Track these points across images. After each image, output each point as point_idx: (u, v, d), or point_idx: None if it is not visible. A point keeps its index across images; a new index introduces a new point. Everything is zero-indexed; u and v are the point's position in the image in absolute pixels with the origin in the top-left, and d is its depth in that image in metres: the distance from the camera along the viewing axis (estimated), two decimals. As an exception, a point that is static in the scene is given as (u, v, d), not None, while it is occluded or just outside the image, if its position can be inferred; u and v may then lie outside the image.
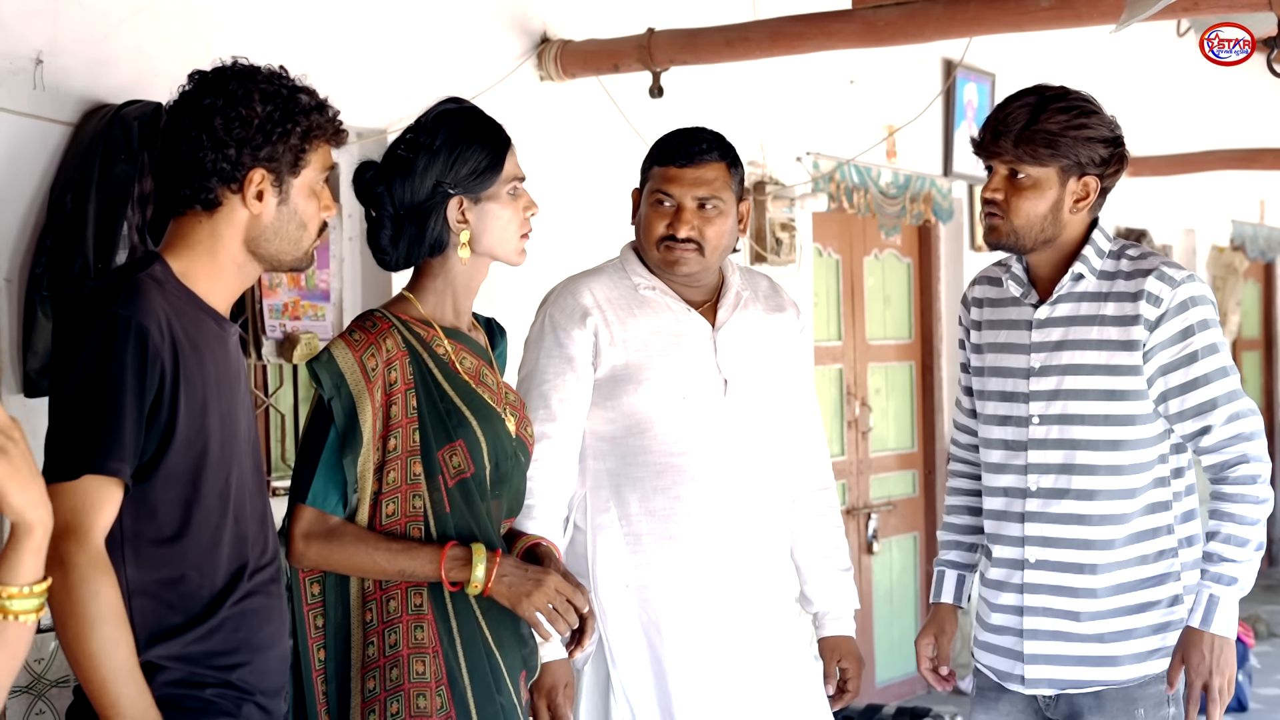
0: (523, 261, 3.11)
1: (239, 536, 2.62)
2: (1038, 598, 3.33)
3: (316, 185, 2.70)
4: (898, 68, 7.35)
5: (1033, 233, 3.28)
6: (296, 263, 2.73)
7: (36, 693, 3.81)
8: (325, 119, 2.69)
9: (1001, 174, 3.29)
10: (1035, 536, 3.32)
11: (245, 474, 2.67)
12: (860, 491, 7.59)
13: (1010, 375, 3.37)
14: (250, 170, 2.61)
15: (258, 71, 2.65)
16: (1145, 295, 3.22)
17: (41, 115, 3.88)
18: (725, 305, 3.50)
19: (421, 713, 2.89)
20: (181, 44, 4.18)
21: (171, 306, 2.54)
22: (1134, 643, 3.29)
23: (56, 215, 3.82)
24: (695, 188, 3.38)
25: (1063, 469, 3.29)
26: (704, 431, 3.41)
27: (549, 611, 2.93)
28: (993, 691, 3.43)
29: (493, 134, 3.04)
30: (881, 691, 7.45)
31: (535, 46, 5.47)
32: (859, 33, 5.09)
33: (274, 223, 2.66)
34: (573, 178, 5.60)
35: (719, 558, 3.42)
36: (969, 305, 3.54)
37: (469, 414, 2.99)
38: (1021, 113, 3.26)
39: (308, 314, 4.78)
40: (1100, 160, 3.25)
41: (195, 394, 2.55)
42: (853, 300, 7.62)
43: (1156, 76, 9.68)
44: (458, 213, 3.00)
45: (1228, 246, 10.84)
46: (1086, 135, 3.23)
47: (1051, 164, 3.24)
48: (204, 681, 2.56)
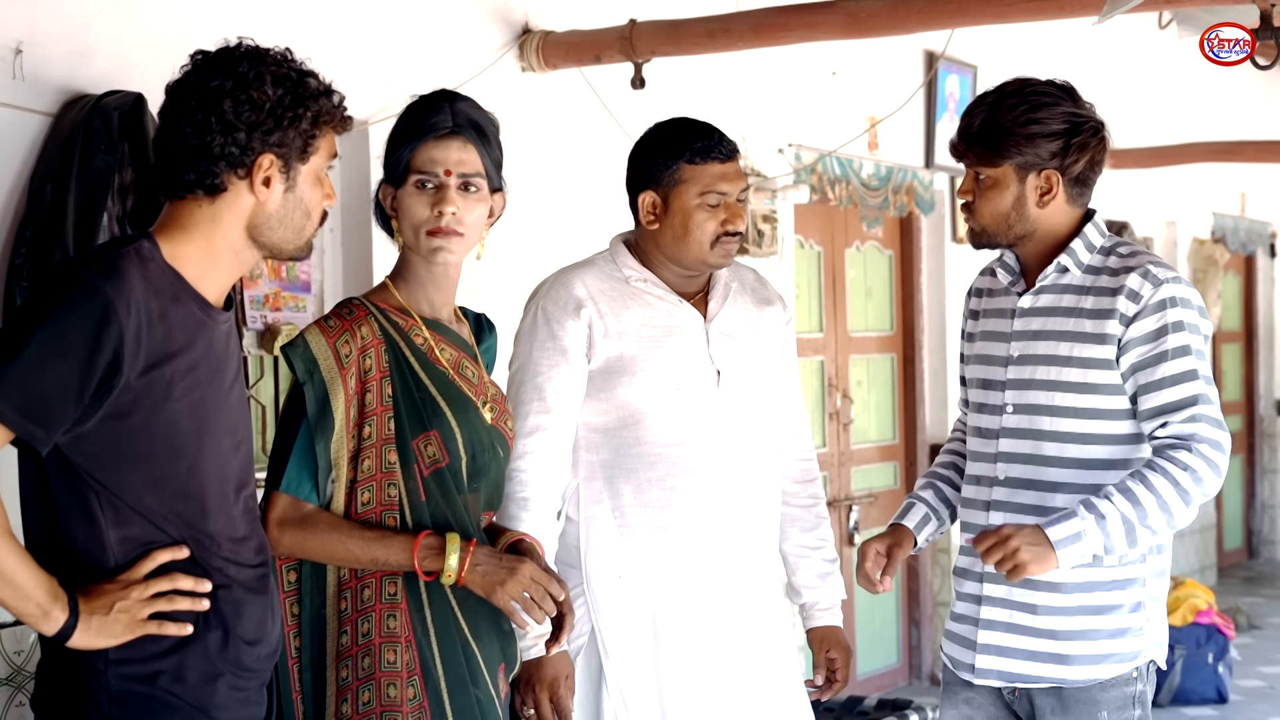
0: (438, 259, 3.01)
1: (202, 528, 2.56)
2: (996, 587, 3.31)
3: (322, 173, 2.65)
4: (880, 59, 7.35)
5: (1000, 230, 3.29)
6: (298, 252, 2.67)
7: (16, 685, 3.80)
8: (333, 104, 2.64)
9: (970, 174, 3.32)
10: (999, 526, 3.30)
11: (215, 467, 2.58)
12: (842, 483, 7.59)
13: (991, 363, 3.38)
14: (260, 155, 2.55)
15: (267, 53, 2.58)
16: (1125, 290, 3.20)
17: (21, 105, 3.86)
18: (715, 297, 3.50)
19: (392, 702, 2.87)
20: (162, 34, 4.16)
21: (151, 286, 2.48)
22: (1090, 644, 3.25)
23: (36, 206, 3.81)
24: (738, 181, 3.42)
25: (1030, 459, 3.28)
26: (697, 423, 3.41)
27: (524, 600, 2.91)
28: (958, 685, 3.42)
29: (410, 119, 3.05)
30: (863, 683, 7.46)
31: (517, 37, 5.46)
32: (841, 24, 5.08)
33: (279, 210, 2.60)
34: (555, 169, 5.59)
35: (712, 548, 3.42)
36: (971, 296, 3.56)
37: (444, 404, 2.98)
38: (980, 113, 3.27)
39: (288, 305, 4.77)
40: (1052, 154, 3.23)
41: (159, 379, 2.47)
42: (834, 292, 7.61)
43: (1138, 69, 9.69)
44: (388, 202, 3.05)
45: (1208, 239, 10.86)
46: (1033, 131, 3.22)
47: (1003, 162, 3.24)
48: (155, 672, 2.51)
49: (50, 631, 2.44)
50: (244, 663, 2.61)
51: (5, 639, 3.78)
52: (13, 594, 2.41)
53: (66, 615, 2.44)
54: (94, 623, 2.46)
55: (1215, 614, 7.84)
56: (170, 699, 2.52)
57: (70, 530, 2.50)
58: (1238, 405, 11.73)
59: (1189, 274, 10.66)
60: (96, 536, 2.49)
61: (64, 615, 2.44)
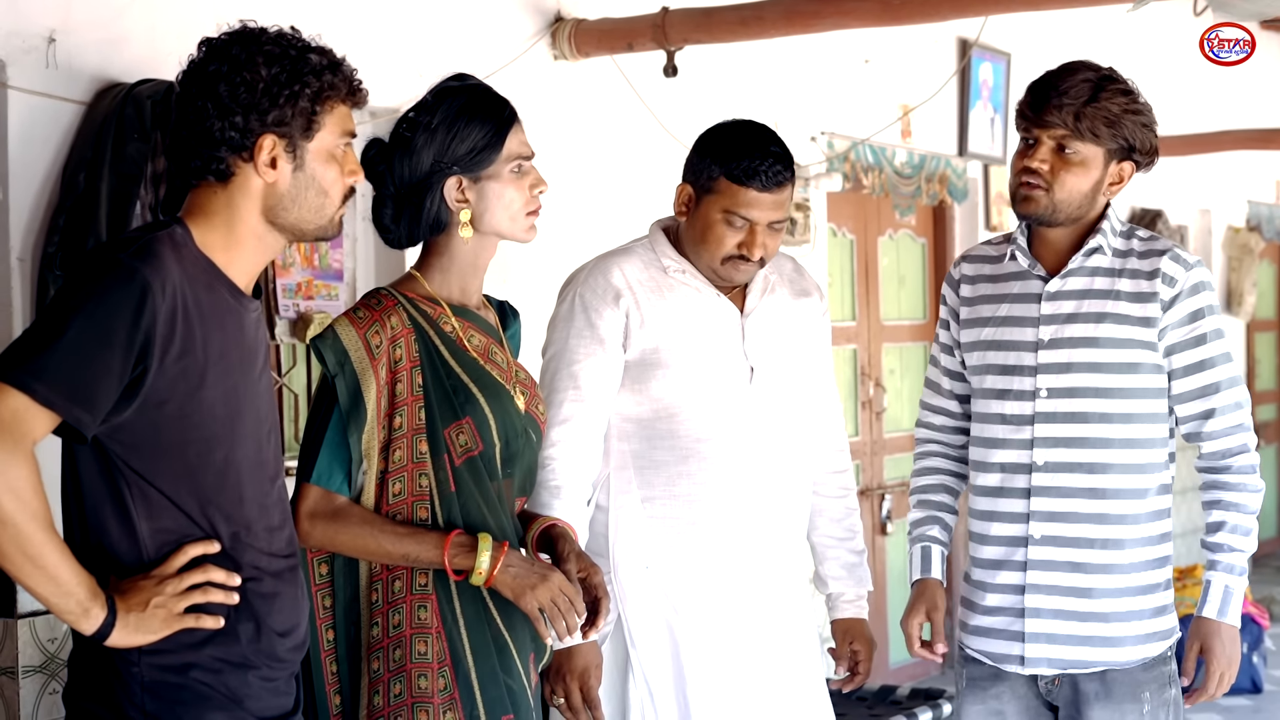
0: (532, 238, 3.07)
1: (238, 518, 2.55)
2: (1043, 574, 3.30)
3: (336, 149, 2.59)
4: (913, 47, 7.32)
5: (1071, 208, 3.29)
6: (321, 231, 2.63)
7: (50, 672, 3.81)
8: (338, 78, 2.57)
9: (1049, 145, 3.27)
10: (1042, 512, 3.29)
11: (249, 456, 2.57)
12: (874, 472, 7.57)
13: (1014, 349, 3.35)
14: (260, 136, 2.51)
15: (263, 33, 2.55)
16: (1161, 275, 3.25)
17: (54, 94, 3.87)
18: (754, 291, 3.47)
19: (423, 693, 2.87)
20: (194, 22, 4.15)
21: (185, 272, 2.47)
22: (1137, 624, 3.28)
23: (69, 194, 3.82)
24: (773, 212, 3.34)
25: (1074, 443, 3.28)
26: (729, 418, 3.39)
27: (551, 608, 2.89)
28: (986, 680, 3.39)
29: (494, 111, 2.99)
30: (895, 672, 7.45)
31: (549, 25, 5.45)
32: (874, 11, 5.06)
33: (291, 190, 2.55)
34: (587, 157, 5.58)
35: (740, 543, 3.41)
36: (957, 285, 3.51)
37: (476, 391, 2.96)
38: (1083, 88, 3.24)
39: (321, 293, 4.77)
40: (1149, 148, 3.30)
41: (194, 365, 2.46)
42: (867, 280, 7.60)
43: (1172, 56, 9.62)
44: (456, 192, 2.96)
45: (1243, 227, 10.80)
46: (1143, 121, 3.27)
47: (1106, 144, 3.25)
48: (189, 664, 2.51)
49: (89, 630, 2.43)
50: (276, 653, 2.60)
51: (39, 626, 3.79)
52: (54, 590, 2.40)
53: (105, 613, 2.43)
54: (131, 620, 2.45)
55: (1250, 604, 7.80)
56: (204, 689, 2.51)
57: (103, 523, 2.49)
58: (1272, 394, 11.66)
59: (1224, 262, 10.61)
60: (129, 529, 2.48)
61: (103, 613, 2.43)
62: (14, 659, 3.77)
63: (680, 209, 3.41)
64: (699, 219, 3.36)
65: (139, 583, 2.47)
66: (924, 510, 3.53)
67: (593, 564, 3.05)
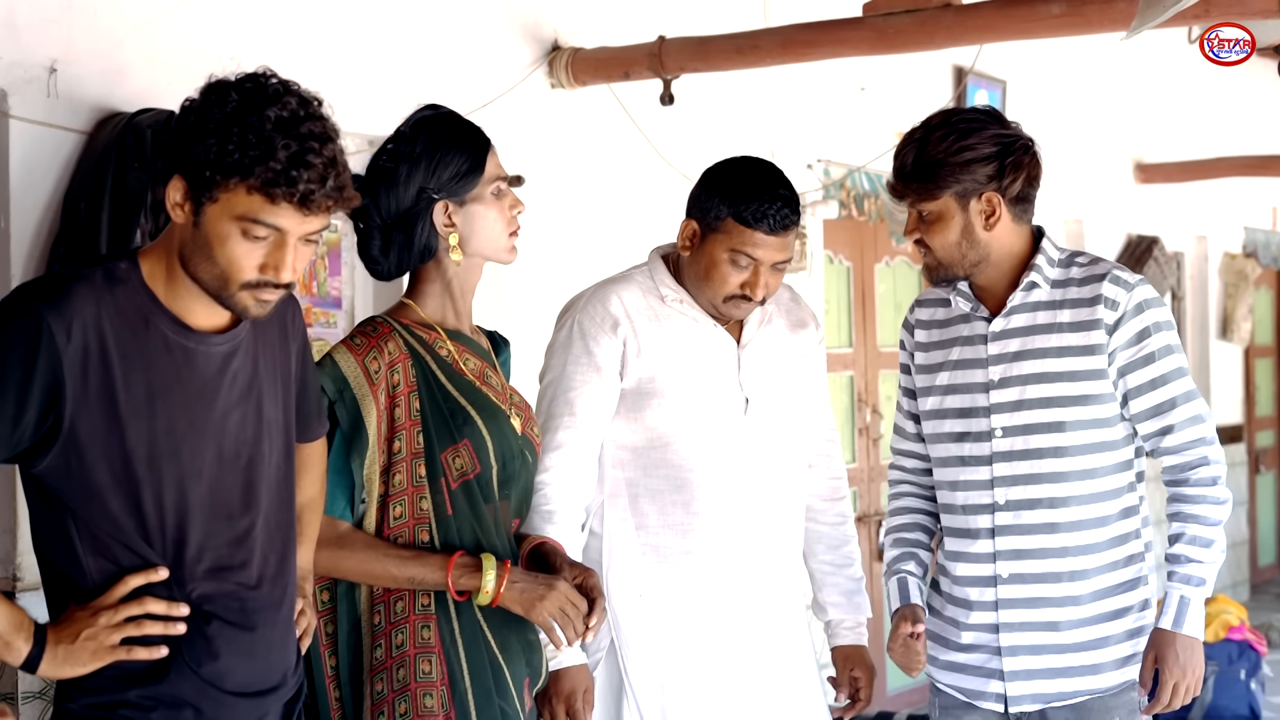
0: (513, 259, 3.11)
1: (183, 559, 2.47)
2: (1014, 613, 3.31)
3: (236, 231, 2.37)
4: (908, 75, 7.35)
5: (956, 260, 3.28)
6: (223, 301, 2.43)
7: (49, 698, 3.82)
8: (261, 162, 2.33)
9: (913, 215, 3.30)
10: (1007, 550, 3.30)
11: (198, 495, 2.47)
12: (871, 499, 7.59)
13: (968, 391, 3.35)
14: (173, 174, 2.39)
15: (231, 80, 2.39)
16: (1102, 299, 3.23)
17: (55, 123, 3.89)
18: (750, 322, 3.48)
19: (428, 712, 2.89)
20: (194, 52, 4.19)
21: (115, 309, 2.39)
22: (1111, 649, 3.28)
23: (70, 223, 3.84)
24: (778, 253, 3.34)
25: (1031, 479, 3.28)
26: (723, 449, 3.40)
27: (561, 617, 2.94)
28: (959, 709, 3.40)
29: (471, 136, 3.05)
30: (893, 699, 7.45)
31: (546, 54, 5.49)
32: (870, 40, 5.09)
33: (189, 242, 2.41)
34: (584, 185, 5.61)
35: (734, 572, 3.42)
36: (911, 329, 3.51)
37: (474, 413, 2.99)
38: (910, 150, 3.26)
39: (319, 321, 4.79)
40: (989, 177, 3.22)
41: (114, 406, 2.38)
42: (864, 307, 7.62)
43: (1168, 83, 9.67)
44: (444, 216, 3.01)
45: (1240, 253, 10.82)
46: (966, 158, 3.21)
47: (942, 194, 3.23)
48: (116, 702, 2.45)
49: (15, 662, 2.40)
50: (218, 700, 2.51)
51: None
52: None
53: (30, 646, 2.40)
54: (60, 651, 2.41)
55: (1248, 630, 7.81)
56: None
57: (54, 552, 2.46)
58: (1271, 420, 11.66)
59: (1220, 288, 10.63)
60: (74, 560, 2.44)
61: (27, 646, 2.39)
62: (13, 685, 3.78)
63: (684, 244, 3.41)
64: (703, 256, 3.37)
65: (75, 613, 2.43)
66: (899, 548, 3.54)
67: (586, 568, 3.08)
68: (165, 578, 2.46)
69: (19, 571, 3.81)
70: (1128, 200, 9.45)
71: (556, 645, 3.00)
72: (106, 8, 4.03)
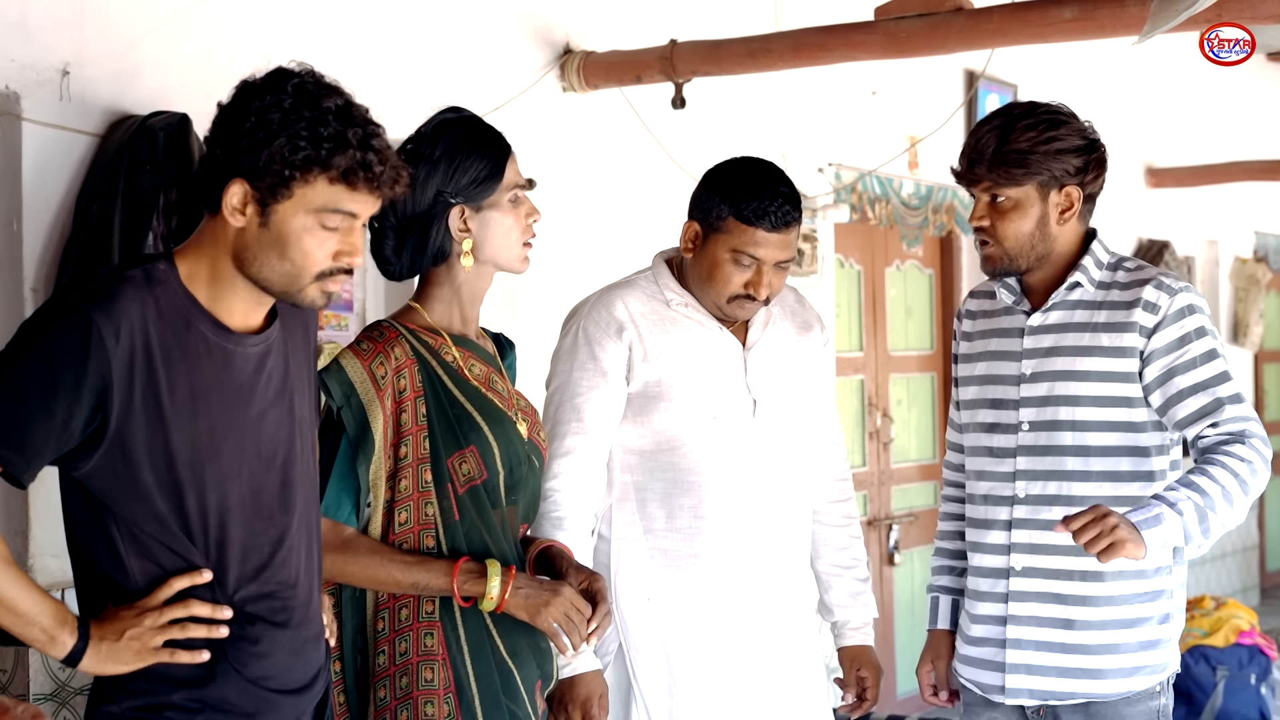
0: (526, 269, 3.10)
1: (225, 561, 2.49)
2: (1024, 606, 3.31)
3: (316, 224, 2.42)
4: (920, 79, 7.35)
5: (1024, 252, 3.27)
6: (288, 297, 2.48)
7: (61, 700, 3.83)
8: (337, 154, 2.39)
9: (984, 200, 3.29)
10: (1022, 543, 3.30)
11: (239, 497, 2.49)
12: (882, 503, 7.58)
13: (1001, 382, 3.37)
14: (231, 180, 2.40)
15: (291, 75, 2.42)
16: (1141, 303, 3.21)
17: (68, 126, 3.90)
18: (756, 324, 3.48)
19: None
20: (207, 56, 4.20)
21: (157, 311, 2.41)
22: (1120, 657, 3.26)
23: (82, 225, 3.84)
24: (781, 251, 3.34)
25: (1052, 475, 3.27)
26: (732, 451, 3.41)
27: (566, 622, 2.93)
28: (979, 706, 3.41)
29: (492, 142, 3.04)
30: (903, 703, 7.44)
31: (558, 58, 5.49)
32: (881, 44, 5.09)
33: (255, 244, 2.43)
34: (595, 188, 5.61)
35: (742, 575, 3.42)
36: (961, 319, 3.54)
37: (480, 419, 2.99)
38: (991, 137, 3.25)
39: (331, 324, 4.80)
40: (1076, 169, 3.24)
41: (159, 408, 2.40)
42: (874, 311, 7.62)
43: (1179, 87, 9.66)
44: (459, 221, 3.00)
45: (1251, 258, 10.80)
46: (1057, 148, 3.22)
47: (1027, 182, 3.23)
48: (163, 705, 2.46)
49: (59, 656, 2.41)
50: (263, 699, 2.53)
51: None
52: (16, 621, 2.38)
53: (75, 640, 2.41)
54: (104, 649, 2.42)
55: (1258, 635, 7.78)
56: None
57: (95, 555, 2.47)
58: (1281, 425, 11.67)
59: (1231, 293, 10.62)
60: (118, 562, 2.45)
61: (72, 640, 2.41)
62: (25, 687, 3.78)
63: (687, 246, 3.41)
64: (706, 257, 3.37)
65: (119, 612, 2.45)
66: (939, 559, 3.57)
67: (592, 572, 3.07)
68: (209, 580, 2.47)
69: (31, 574, 3.81)
70: (1139, 204, 9.44)
71: (562, 650, 3.00)
72: (119, 10, 4.03)
